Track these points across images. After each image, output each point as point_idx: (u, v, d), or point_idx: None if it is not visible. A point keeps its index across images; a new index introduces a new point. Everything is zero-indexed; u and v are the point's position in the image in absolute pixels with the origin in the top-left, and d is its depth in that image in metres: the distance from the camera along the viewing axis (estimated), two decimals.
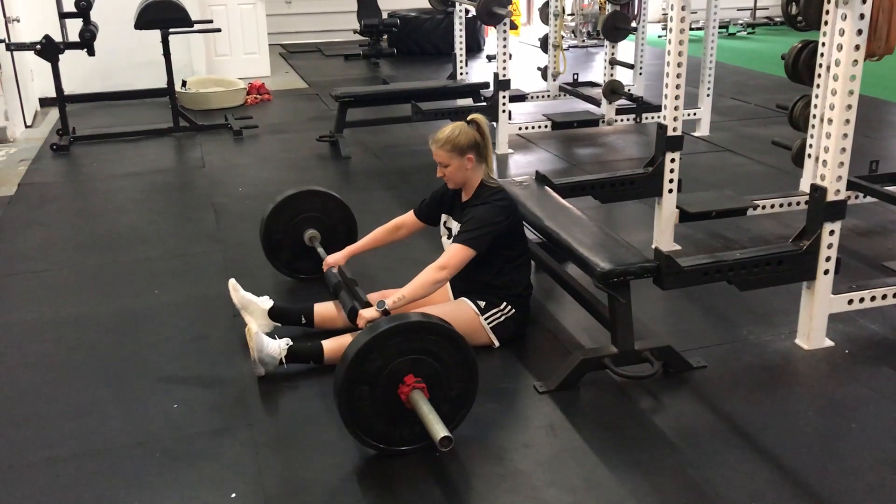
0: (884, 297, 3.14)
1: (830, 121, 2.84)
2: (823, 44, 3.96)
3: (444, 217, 3.22)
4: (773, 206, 4.19)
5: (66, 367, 3.10)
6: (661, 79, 3.86)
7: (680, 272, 2.85)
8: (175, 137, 6.47)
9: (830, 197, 2.90)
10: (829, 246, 2.97)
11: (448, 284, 3.23)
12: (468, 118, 3.03)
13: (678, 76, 3.78)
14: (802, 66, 4.09)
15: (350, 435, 2.47)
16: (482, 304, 3.06)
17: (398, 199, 4.93)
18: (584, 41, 10.96)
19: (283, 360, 2.91)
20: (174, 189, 5.34)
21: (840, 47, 2.74)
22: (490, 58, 9.64)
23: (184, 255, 4.18)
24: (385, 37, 9.95)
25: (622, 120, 6.23)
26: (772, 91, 7.80)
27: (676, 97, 3.81)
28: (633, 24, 6.31)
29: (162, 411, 2.80)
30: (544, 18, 7.16)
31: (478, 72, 8.65)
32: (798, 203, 4.24)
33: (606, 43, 6.10)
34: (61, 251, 4.27)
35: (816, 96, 4.06)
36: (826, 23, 3.87)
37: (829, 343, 3.11)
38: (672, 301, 3.47)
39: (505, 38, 5.70)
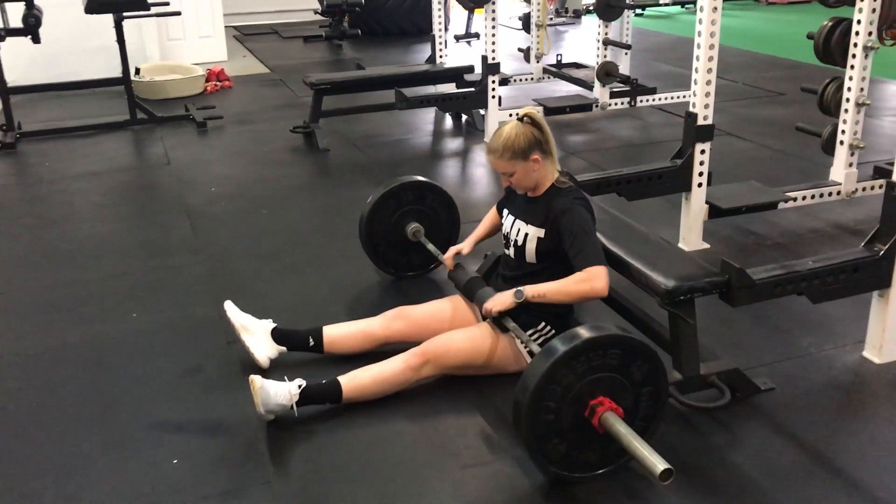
0: None
1: None
2: (859, 21, 3.68)
3: (505, 210, 2.87)
4: (804, 199, 3.90)
5: (37, 414, 2.65)
6: (646, 59, 3.50)
7: (752, 286, 2.51)
8: (133, 131, 5.93)
9: None
10: None
11: None
12: (520, 115, 2.65)
13: (710, 59, 3.45)
14: (835, 46, 3.80)
15: (534, 465, 2.21)
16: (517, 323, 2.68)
17: None
18: (551, 19, 10.61)
19: (294, 406, 2.51)
20: (139, 190, 4.84)
21: None
22: (458, 38, 9.21)
23: (160, 269, 3.71)
24: (347, 17, 9.44)
25: (616, 104, 5.88)
26: (757, 69, 7.57)
27: (708, 82, 3.49)
28: (628, 1, 5.95)
29: (160, 468, 2.37)
30: None
31: (450, 54, 8.21)
32: (830, 194, 3.95)
33: (599, 22, 5.74)
34: (17, 268, 3.76)
35: (850, 78, 3.77)
36: None
37: None
38: (716, 309, 3.13)
39: (494, 19, 5.30)
